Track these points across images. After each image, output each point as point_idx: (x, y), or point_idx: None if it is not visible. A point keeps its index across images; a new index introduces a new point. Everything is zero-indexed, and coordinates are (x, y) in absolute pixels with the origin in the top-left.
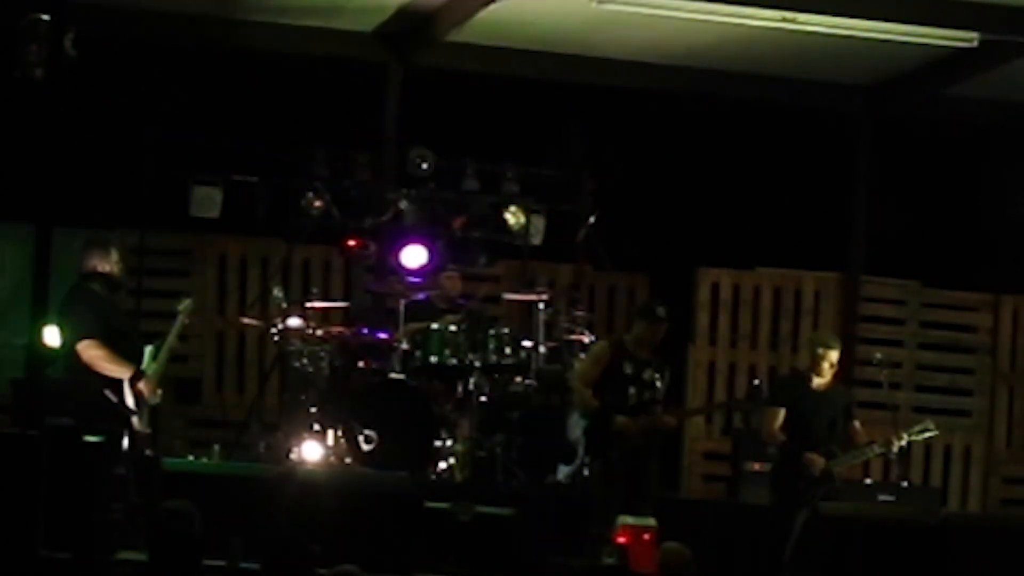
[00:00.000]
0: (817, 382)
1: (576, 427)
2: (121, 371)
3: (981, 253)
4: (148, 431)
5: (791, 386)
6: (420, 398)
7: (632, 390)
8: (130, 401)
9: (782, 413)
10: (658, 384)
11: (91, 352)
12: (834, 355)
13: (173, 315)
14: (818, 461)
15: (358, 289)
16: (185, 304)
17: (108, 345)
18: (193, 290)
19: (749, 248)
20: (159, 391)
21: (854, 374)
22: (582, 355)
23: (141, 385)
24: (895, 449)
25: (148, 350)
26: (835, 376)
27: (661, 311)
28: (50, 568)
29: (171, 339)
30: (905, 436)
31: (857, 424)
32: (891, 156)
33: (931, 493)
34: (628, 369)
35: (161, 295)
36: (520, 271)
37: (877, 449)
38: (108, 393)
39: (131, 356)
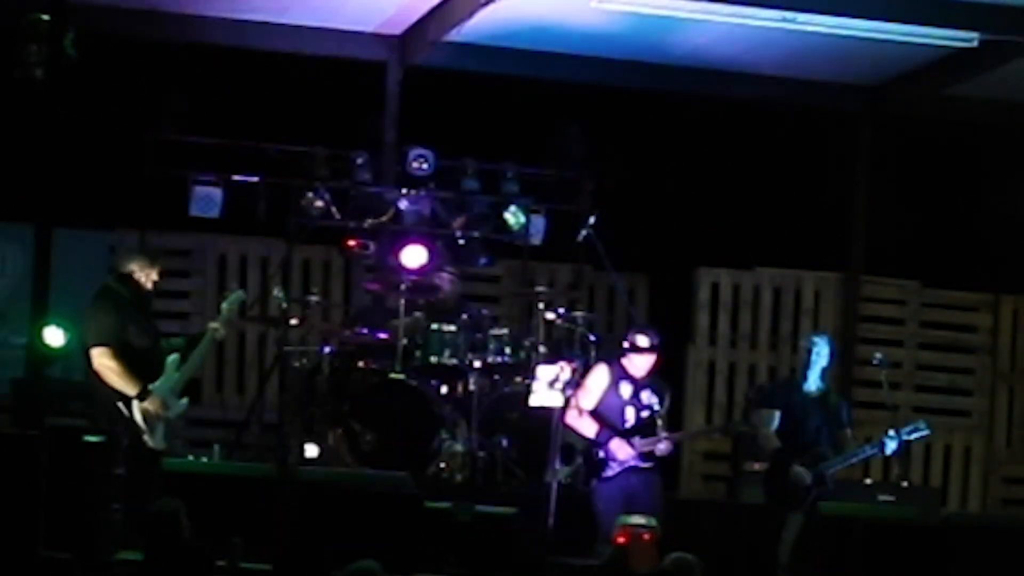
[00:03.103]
0: (809, 386)
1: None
2: (127, 387)
3: (981, 253)
4: (164, 446)
5: (784, 389)
6: (420, 398)
7: (630, 411)
8: (138, 418)
9: (777, 415)
10: (656, 407)
11: (102, 361)
12: (824, 348)
13: (182, 315)
14: (804, 476)
15: (358, 289)
16: (234, 296)
17: (122, 356)
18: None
19: (749, 248)
20: (177, 404)
21: (854, 374)
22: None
23: (147, 404)
24: (887, 451)
25: (171, 360)
26: (827, 376)
27: (643, 340)
28: (50, 568)
29: (208, 338)
30: (896, 436)
31: (848, 433)
32: (891, 156)
33: (931, 493)
34: (626, 392)
35: (161, 295)
36: (520, 271)
37: (869, 451)
38: (121, 406)
39: (147, 370)
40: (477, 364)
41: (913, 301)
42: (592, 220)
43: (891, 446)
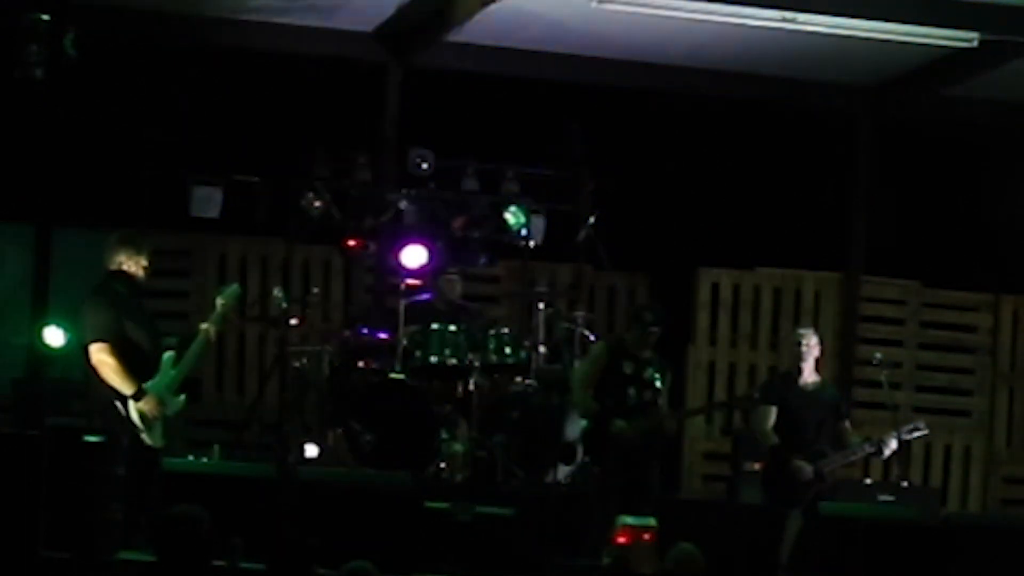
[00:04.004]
0: (804, 380)
1: (575, 427)
2: (123, 386)
3: (981, 253)
4: (162, 444)
5: (781, 385)
6: (420, 398)
7: (632, 390)
8: (135, 416)
9: (774, 411)
10: (658, 384)
11: (100, 357)
12: (812, 339)
13: (182, 315)
14: (805, 468)
15: (358, 289)
16: (229, 290)
17: (119, 353)
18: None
19: (749, 248)
20: (174, 401)
21: (854, 374)
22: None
23: (142, 404)
24: (886, 450)
25: (166, 358)
26: (820, 370)
27: (649, 316)
28: (50, 568)
29: (202, 336)
30: (895, 435)
31: (847, 424)
32: (891, 156)
33: (931, 493)
34: (628, 369)
35: (161, 295)
36: (520, 271)
37: (868, 448)
38: (118, 405)
39: (145, 366)
40: (477, 364)
41: (913, 301)
42: (592, 220)
43: (891, 445)
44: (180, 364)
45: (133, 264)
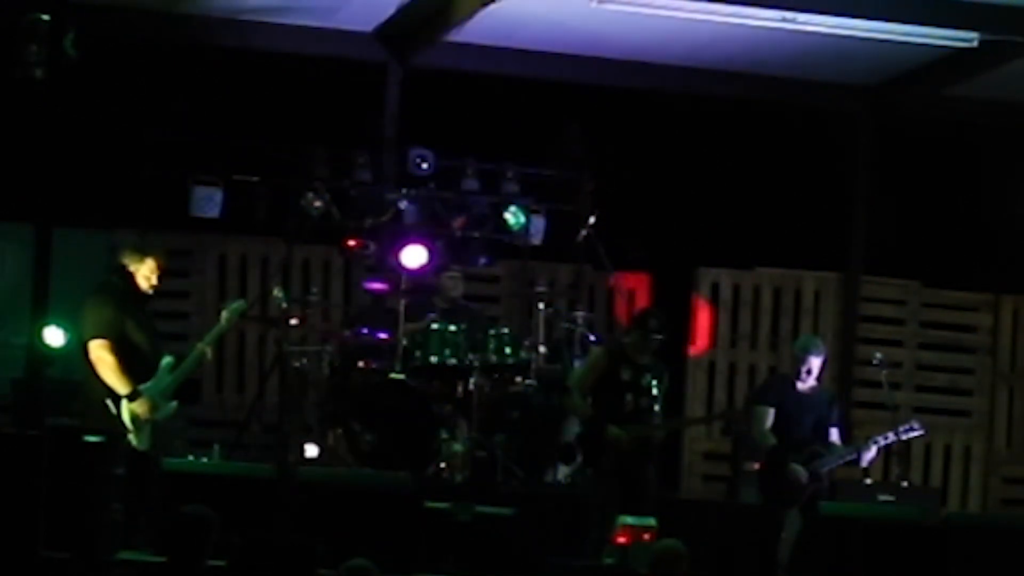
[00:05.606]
0: (802, 385)
1: (573, 428)
2: (119, 385)
3: (981, 253)
4: (148, 448)
5: (778, 387)
6: (420, 398)
7: (629, 396)
8: (125, 416)
9: (771, 413)
10: (655, 391)
11: (99, 353)
12: (815, 361)
13: (182, 315)
14: (800, 472)
15: (358, 289)
16: (235, 305)
17: (118, 352)
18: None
19: (749, 248)
20: (166, 406)
21: (854, 374)
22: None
23: (135, 405)
24: (880, 447)
25: (165, 361)
26: (820, 378)
27: (654, 324)
28: (50, 568)
29: (204, 344)
30: (890, 435)
31: (835, 432)
32: (891, 156)
33: (931, 493)
34: (626, 375)
35: (161, 295)
36: (520, 271)
37: (863, 449)
38: (109, 403)
39: (141, 369)
40: (477, 364)
41: (913, 301)
42: (592, 220)
43: (880, 445)
44: (176, 372)
45: (133, 269)
